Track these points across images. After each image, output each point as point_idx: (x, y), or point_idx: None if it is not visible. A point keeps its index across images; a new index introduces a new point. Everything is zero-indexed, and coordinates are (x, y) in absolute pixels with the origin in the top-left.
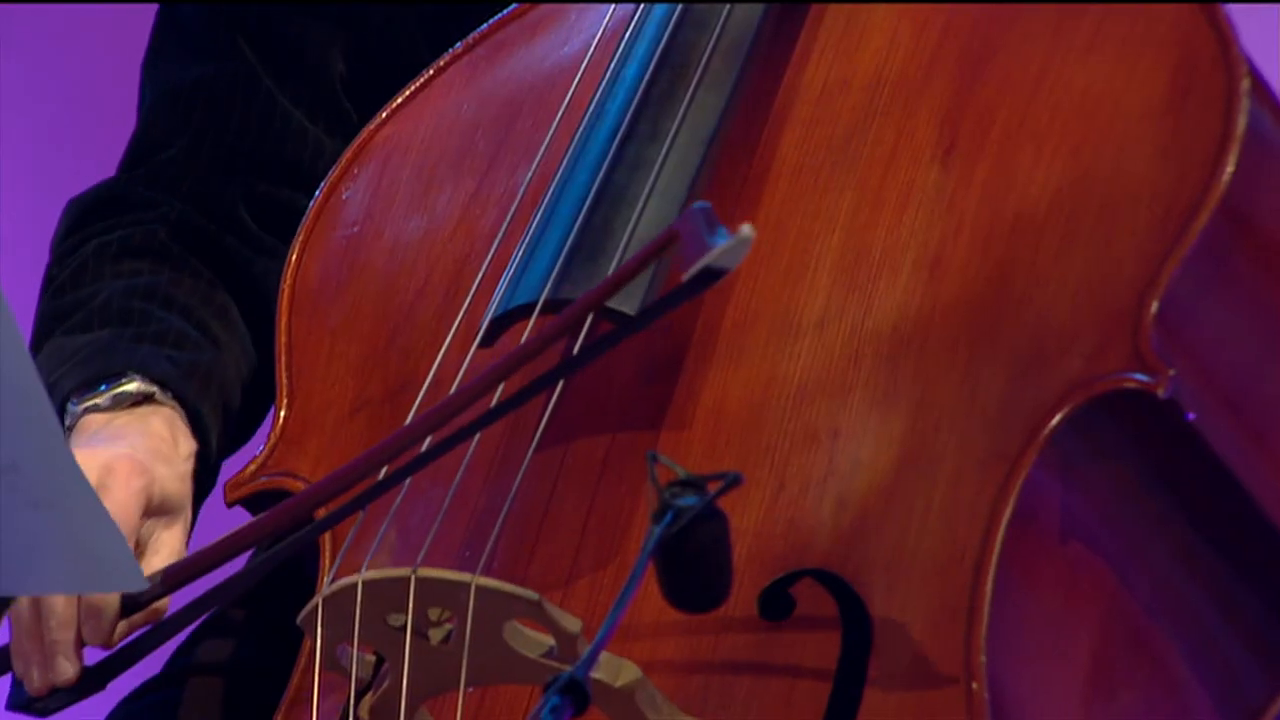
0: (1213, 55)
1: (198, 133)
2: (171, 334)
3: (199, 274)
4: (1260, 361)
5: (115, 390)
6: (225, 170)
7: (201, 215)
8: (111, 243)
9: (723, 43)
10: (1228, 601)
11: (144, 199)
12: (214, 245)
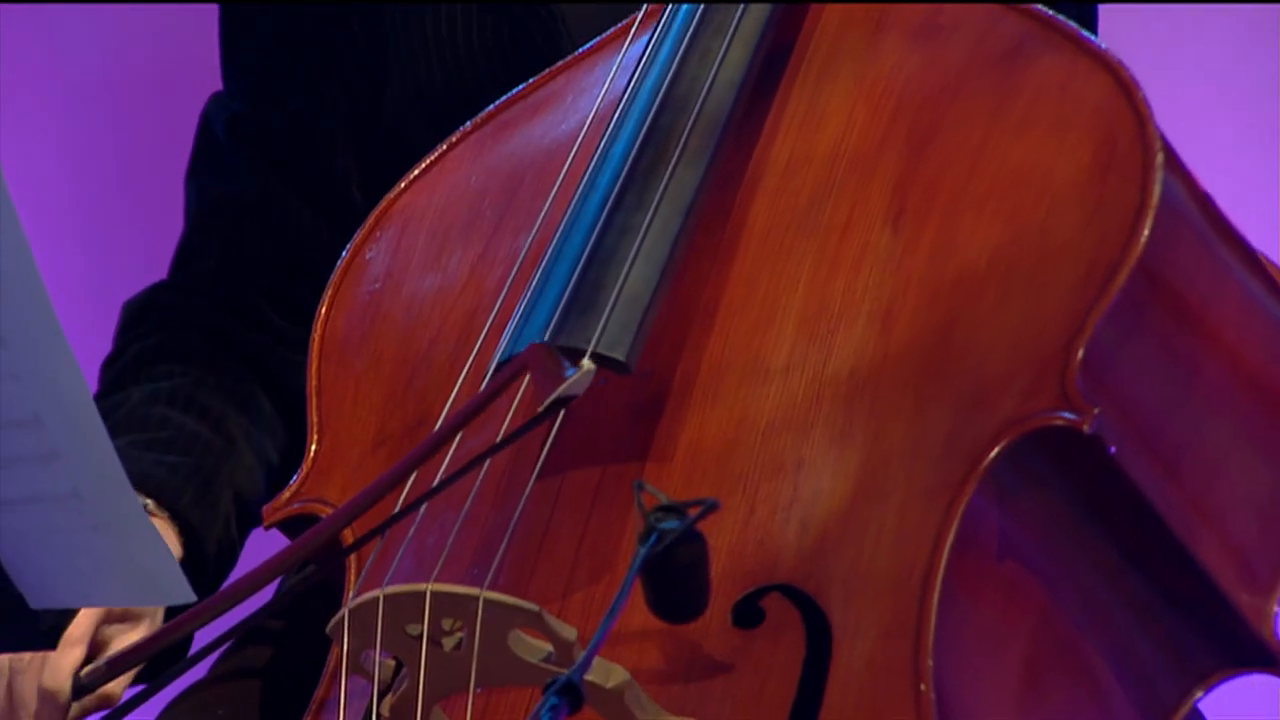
0: (1131, 133)
1: (226, 245)
2: (180, 440)
3: (226, 373)
4: (1172, 401)
5: None
6: (253, 275)
7: (232, 317)
8: (149, 348)
9: (699, 124)
10: (1145, 614)
11: (181, 305)
12: (242, 345)
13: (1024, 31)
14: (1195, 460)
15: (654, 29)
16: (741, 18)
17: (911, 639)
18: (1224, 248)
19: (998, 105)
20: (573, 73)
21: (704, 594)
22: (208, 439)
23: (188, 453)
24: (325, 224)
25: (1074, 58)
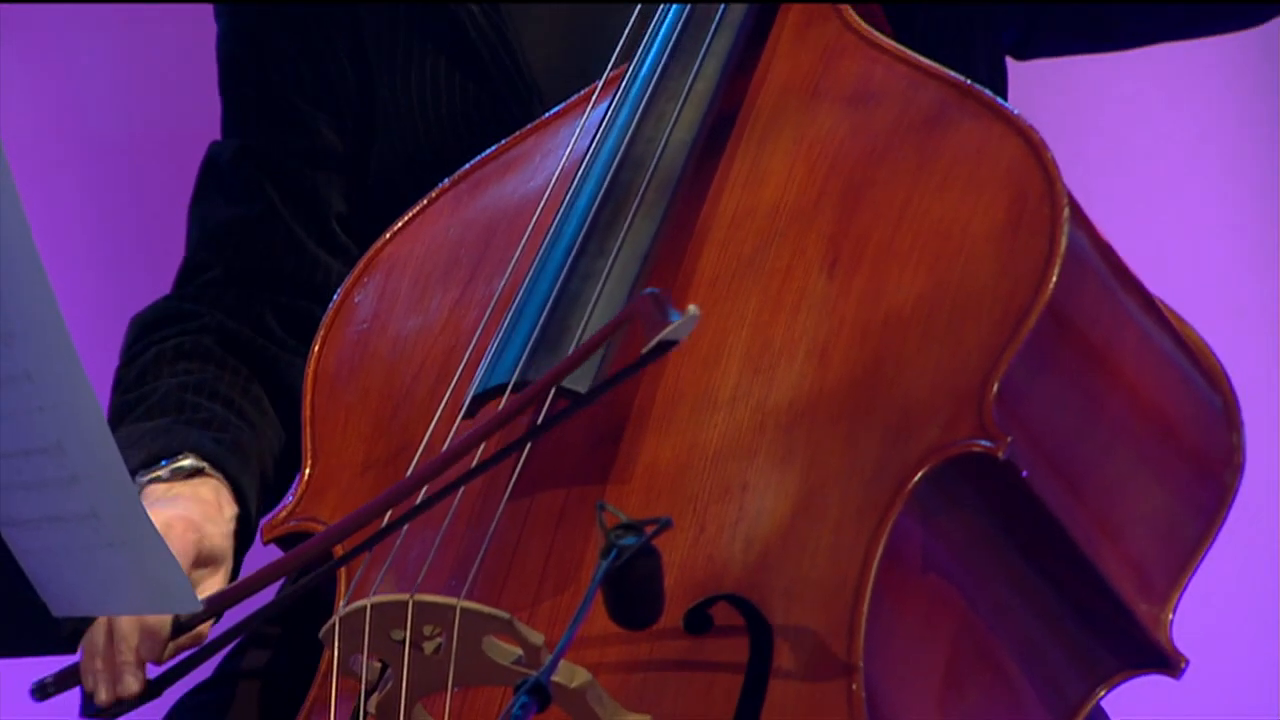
0: (1040, 191)
1: (233, 260)
2: (216, 420)
3: (238, 371)
4: (1078, 430)
5: (173, 465)
6: (255, 288)
7: (238, 324)
8: (167, 349)
9: (654, 181)
10: (1054, 622)
11: (192, 312)
12: (249, 347)
13: (944, 99)
14: (1099, 483)
15: (613, 96)
16: (692, 85)
17: (844, 643)
18: (1124, 292)
19: (920, 166)
20: (540, 135)
21: (659, 603)
22: (236, 424)
23: (224, 431)
24: (319, 248)
25: (989, 123)
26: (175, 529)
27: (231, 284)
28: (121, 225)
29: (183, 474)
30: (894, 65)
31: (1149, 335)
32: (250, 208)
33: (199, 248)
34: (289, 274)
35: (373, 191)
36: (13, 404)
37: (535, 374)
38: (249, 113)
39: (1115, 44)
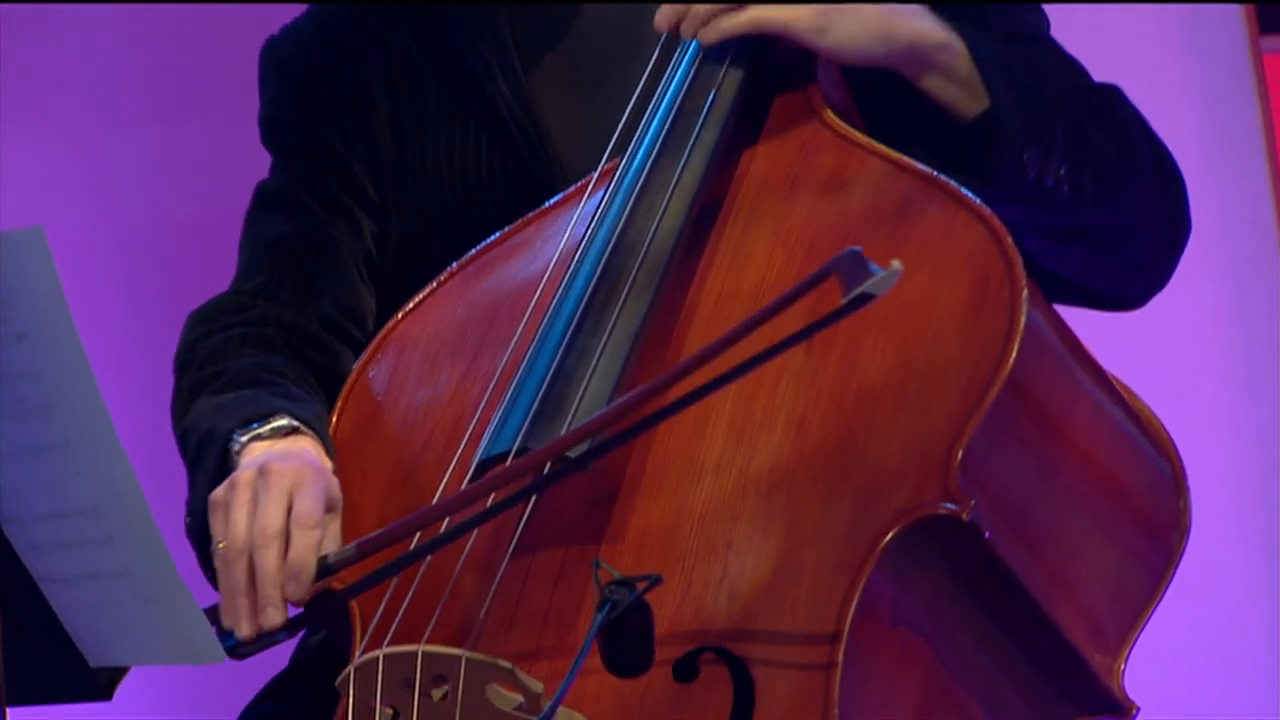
0: (1001, 273)
1: (285, 267)
2: (293, 394)
3: (295, 359)
4: (1036, 493)
5: (272, 424)
6: (303, 294)
7: (292, 318)
8: (233, 335)
9: (646, 265)
10: (1015, 671)
11: (249, 305)
12: (302, 338)
13: (913, 189)
14: (1056, 543)
15: (607, 186)
16: (680, 178)
17: (821, 692)
18: (1078, 367)
19: (891, 251)
20: (541, 222)
21: (650, 654)
22: (309, 399)
23: (302, 404)
24: (356, 268)
25: (954, 211)
26: (307, 477)
27: (284, 287)
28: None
29: (281, 432)
30: (866, 158)
31: (1102, 406)
32: (300, 224)
33: (252, 260)
34: (333, 287)
35: (394, 248)
36: (53, 470)
37: (535, 443)
38: (293, 154)
39: None
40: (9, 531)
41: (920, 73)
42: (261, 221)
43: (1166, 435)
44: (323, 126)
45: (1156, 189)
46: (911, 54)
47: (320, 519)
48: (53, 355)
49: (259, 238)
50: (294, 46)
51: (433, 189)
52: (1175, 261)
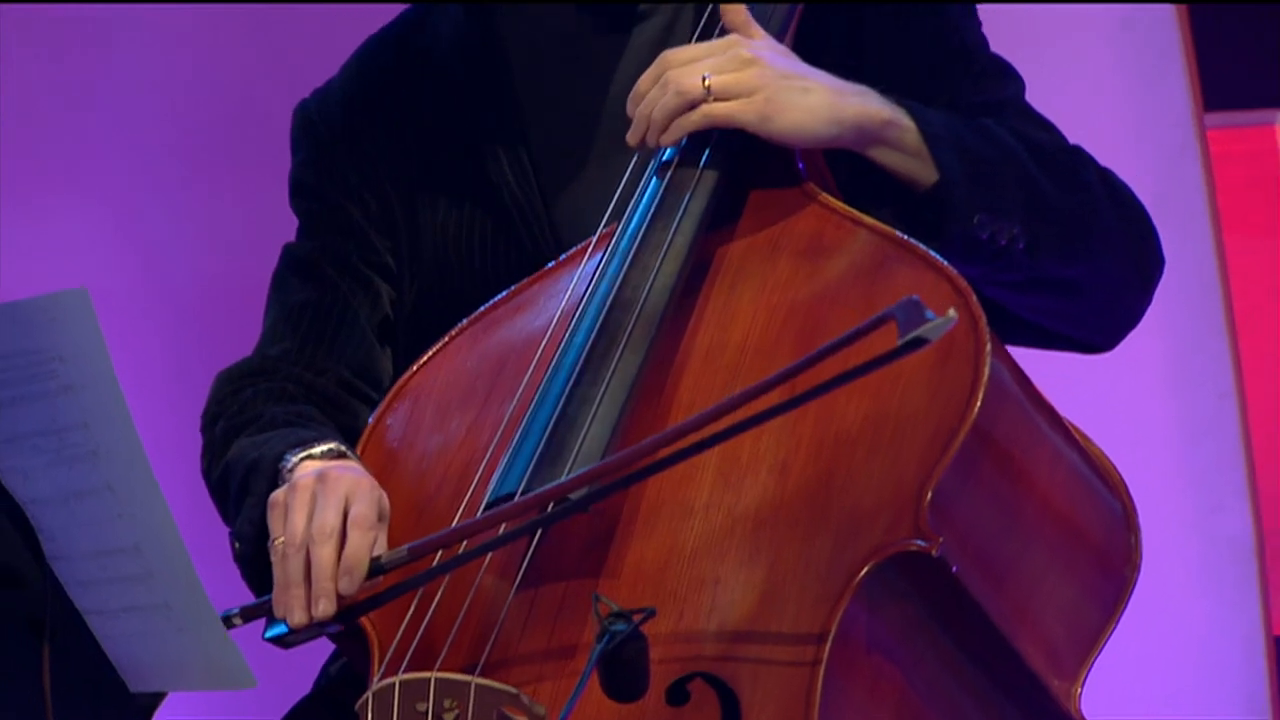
0: (966, 328)
1: (307, 333)
2: (329, 433)
3: (320, 415)
4: (1000, 531)
5: (323, 446)
6: (322, 358)
7: (312, 380)
8: (260, 391)
9: (640, 321)
10: (980, 695)
11: (273, 370)
12: (322, 397)
13: (885, 252)
14: (1017, 577)
15: (605, 249)
16: (672, 241)
17: (801, 714)
18: (1038, 413)
19: (865, 309)
20: (544, 281)
21: (645, 680)
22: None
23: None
24: (375, 332)
25: (923, 272)
26: (362, 488)
27: (304, 351)
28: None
29: (332, 454)
30: (842, 223)
31: (1059, 450)
32: (322, 291)
33: (277, 322)
34: (352, 352)
35: (408, 312)
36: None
37: (539, 484)
38: (317, 223)
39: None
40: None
41: (871, 148)
42: (287, 285)
43: (1118, 475)
44: (343, 197)
45: (1122, 239)
46: (860, 132)
47: (375, 523)
48: (97, 406)
49: (284, 302)
50: (321, 112)
51: (439, 254)
52: (1146, 303)
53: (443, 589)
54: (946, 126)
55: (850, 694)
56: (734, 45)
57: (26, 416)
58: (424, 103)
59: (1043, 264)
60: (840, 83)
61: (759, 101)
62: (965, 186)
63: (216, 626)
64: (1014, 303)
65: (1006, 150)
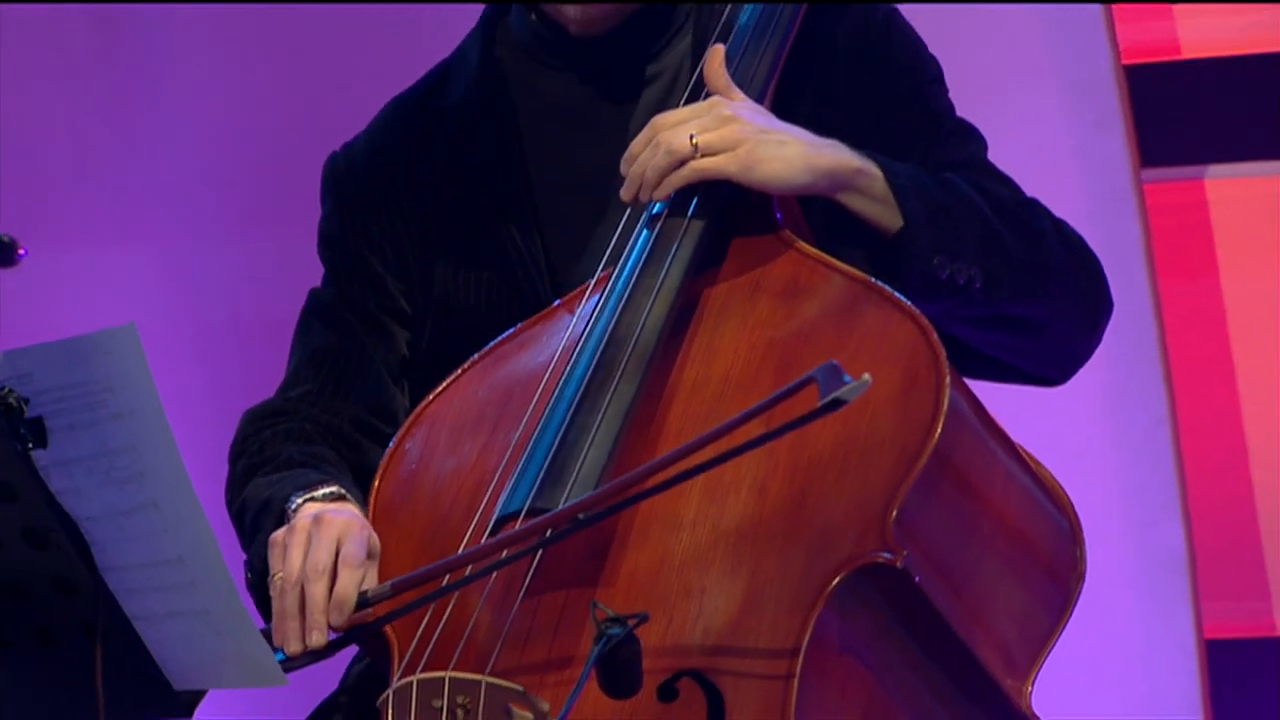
0: (928, 363)
1: (326, 376)
2: (339, 476)
3: (333, 453)
4: (958, 545)
5: (324, 490)
6: (339, 399)
7: (328, 421)
8: (279, 432)
9: (633, 356)
10: (941, 692)
11: (293, 411)
12: (336, 437)
13: (855, 293)
14: (974, 585)
15: (602, 291)
16: (662, 284)
17: (779, 710)
18: (992, 438)
19: (837, 344)
20: (548, 320)
21: (638, 679)
22: (351, 484)
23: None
24: (389, 373)
25: (889, 311)
26: (354, 528)
27: (323, 394)
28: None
29: (332, 497)
30: (816, 267)
31: (1011, 472)
32: (342, 337)
33: (298, 368)
34: (367, 393)
35: (424, 350)
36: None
37: (542, 503)
38: (341, 272)
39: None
40: (108, 578)
41: (842, 194)
42: (310, 329)
43: (1064, 494)
44: (364, 248)
45: (1074, 281)
46: (833, 179)
47: (364, 561)
48: (144, 431)
49: (307, 344)
50: (347, 167)
51: (451, 304)
52: (1096, 341)
53: (455, 598)
54: (911, 177)
55: (824, 691)
56: (716, 105)
57: (81, 442)
58: (441, 163)
59: (999, 302)
60: (813, 136)
61: (741, 154)
62: (926, 230)
63: (251, 630)
64: (975, 339)
65: (966, 200)
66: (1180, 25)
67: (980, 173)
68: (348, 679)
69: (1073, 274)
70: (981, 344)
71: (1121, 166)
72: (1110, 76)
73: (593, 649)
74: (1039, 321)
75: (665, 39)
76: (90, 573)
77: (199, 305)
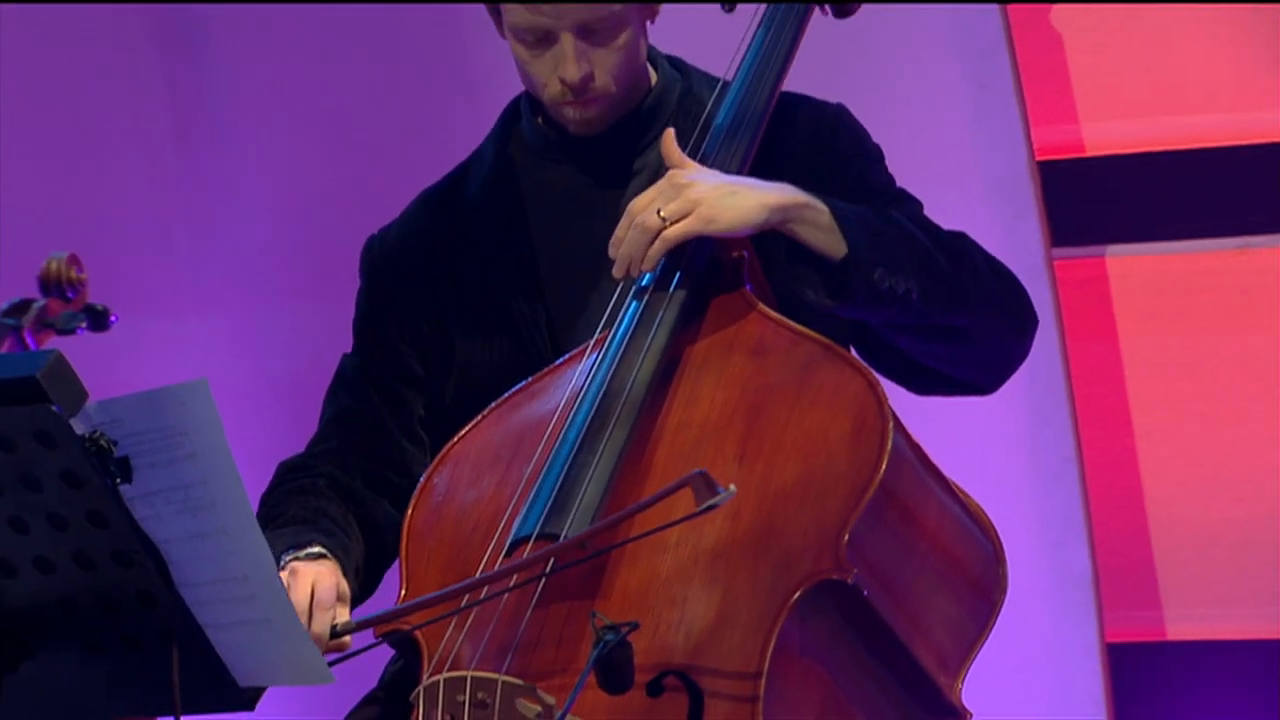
0: (875, 410)
1: (346, 437)
2: (330, 530)
3: (341, 506)
4: (900, 564)
5: (309, 550)
6: (355, 457)
7: (343, 478)
8: (296, 486)
9: (626, 405)
10: (886, 689)
11: (313, 467)
12: (347, 492)
13: (814, 352)
14: (913, 598)
15: (600, 350)
16: (650, 344)
17: (749, 704)
18: (928, 473)
19: (798, 395)
20: (554, 374)
21: (630, 677)
22: (341, 536)
23: (333, 537)
24: (403, 437)
25: (842, 367)
26: (326, 577)
27: (341, 452)
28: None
29: (313, 556)
30: (780, 330)
31: (944, 502)
32: (360, 403)
33: (325, 425)
34: (380, 451)
35: (449, 403)
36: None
37: (550, 528)
38: (367, 344)
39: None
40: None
41: (794, 225)
42: (337, 393)
43: (989, 521)
44: (389, 324)
45: (1000, 297)
46: (785, 213)
47: (334, 603)
48: (213, 469)
49: (332, 406)
50: (380, 251)
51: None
52: (1024, 350)
53: (476, 611)
54: (853, 209)
55: (787, 686)
56: (674, 178)
57: (161, 477)
58: (459, 245)
59: (934, 312)
60: (762, 181)
61: (702, 212)
62: (867, 249)
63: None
64: (916, 350)
65: (903, 228)
66: (1084, 128)
67: (905, 210)
68: (385, 677)
69: (998, 291)
70: (922, 355)
71: (1036, 247)
72: (1026, 171)
73: (592, 652)
74: (970, 331)
75: (649, 138)
76: (168, 588)
77: (259, 364)
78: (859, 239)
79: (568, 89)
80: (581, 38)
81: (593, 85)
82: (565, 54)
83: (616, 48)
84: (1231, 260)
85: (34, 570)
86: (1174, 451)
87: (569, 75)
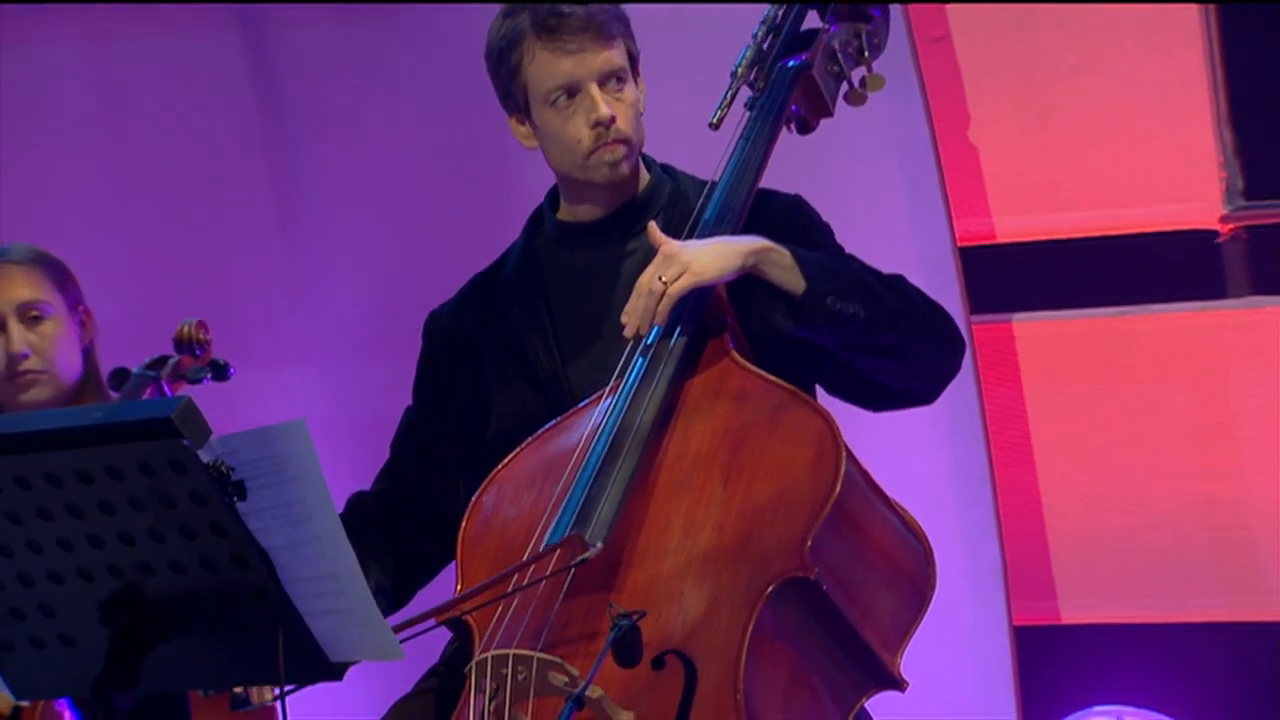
0: (832, 444)
1: (396, 478)
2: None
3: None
4: (851, 564)
5: None
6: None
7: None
8: (356, 508)
9: (635, 439)
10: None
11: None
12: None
13: (783, 398)
14: (863, 592)
15: (613, 395)
16: (654, 390)
17: (732, 677)
18: (872, 492)
19: (770, 432)
20: (578, 415)
21: (639, 654)
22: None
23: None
24: (437, 477)
25: (806, 410)
26: None
27: (391, 492)
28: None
29: None
30: (756, 379)
31: (887, 515)
32: (409, 454)
33: (385, 468)
34: (423, 493)
35: (489, 441)
36: (310, 553)
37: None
38: (418, 403)
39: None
40: (286, 588)
41: (763, 268)
42: (399, 441)
43: (920, 527)
44: (438, 387)
45: (933, 321)
46: (756, 258)
47: None
48: (310, 489)
49: (394, 451)
50: (435, 324)
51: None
52: (955, 367)
53: (517, 601)
54: (808, 253)
55: (762, 662)
56: (665, 252)
57: (269, 496)
58: (497, 317)
59: (879, 334)
60: (733, 236)
61: (692, 269)
62: (821, 281)
63: (381, 621)
64: (867, 367)
65: (851, 267)
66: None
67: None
68: (445, 654)
69: (932, 316)
70: (873, 372)
71: (958, 314)
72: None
73: (609, 635)
74: (910, 348)
75: (639, 226)
76: (275, 585)
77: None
78: (814, 274)
79: (602, 129)
80: (601, 85)
81: (616, 125)
82: (594, 98)
83: (628, 102)
84: (1112, 325)
85: (169, 571)
86: (1068, 473)
87: (601, 113)
